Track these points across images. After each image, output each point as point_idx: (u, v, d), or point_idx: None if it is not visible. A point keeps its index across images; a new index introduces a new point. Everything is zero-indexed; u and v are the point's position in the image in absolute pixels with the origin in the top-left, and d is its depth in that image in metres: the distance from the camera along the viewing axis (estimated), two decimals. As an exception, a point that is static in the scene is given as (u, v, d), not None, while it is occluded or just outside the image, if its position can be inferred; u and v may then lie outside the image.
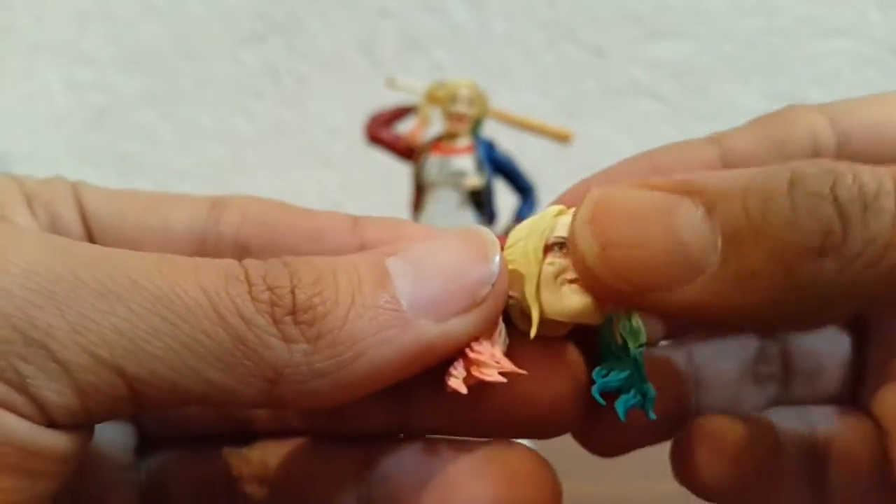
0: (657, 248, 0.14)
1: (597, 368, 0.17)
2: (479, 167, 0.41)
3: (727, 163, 0.19)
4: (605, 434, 0.19)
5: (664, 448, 0.19)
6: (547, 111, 0.56)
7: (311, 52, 0.63)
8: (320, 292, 0.14)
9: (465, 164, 0.41)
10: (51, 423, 0.13)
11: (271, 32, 0.63)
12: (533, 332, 0.16)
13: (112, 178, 0.60)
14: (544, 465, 0.16)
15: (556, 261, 0.16)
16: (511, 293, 0.16)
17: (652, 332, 0.19)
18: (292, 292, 0.14)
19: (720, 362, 0.21)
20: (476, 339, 0.15)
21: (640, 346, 0.17)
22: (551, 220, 0.16)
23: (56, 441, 0.13)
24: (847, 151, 0.19)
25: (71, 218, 0.18)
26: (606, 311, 0.16)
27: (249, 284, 0.14)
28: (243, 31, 0.63)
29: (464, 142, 0.42)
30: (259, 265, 0.14)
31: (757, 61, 0.63)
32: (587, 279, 0.15)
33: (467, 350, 0.15)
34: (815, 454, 0.19)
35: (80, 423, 0.13)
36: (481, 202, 0.41)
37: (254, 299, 0.13)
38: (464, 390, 0.15)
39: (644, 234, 0.14)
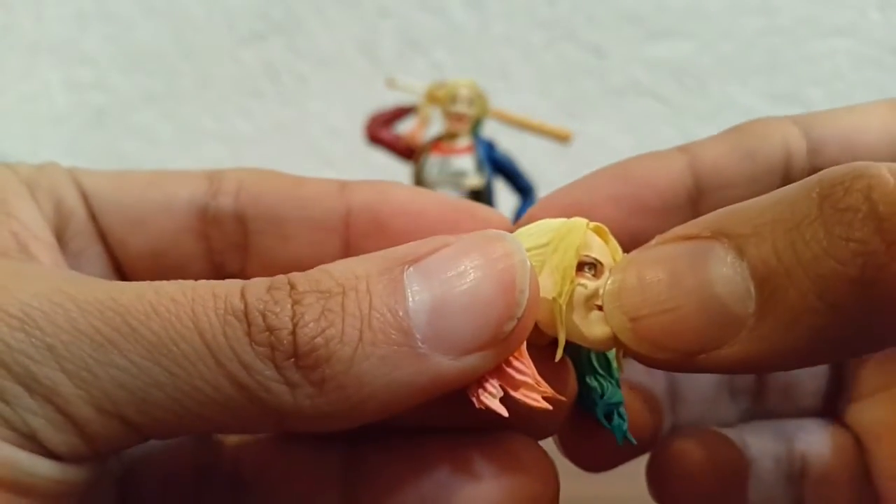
0: (691, 307, 0.13)
1: (597, 391, 0.16)
2: (479, 167, 0.41)
3: (697, 172, 0.19)
4: (593, 450, 0.19)
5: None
6: (547, 111, 0.56)
7: (311, 52, 0.63)
8: (324, 330, 0.13)
9: (465, 164, 0.41)
10: (62, 460, 0.13)
11: (271, 32, 0.63)
12: (559, 355, 0.15)
13: (112, 178, 0.60)
14: (542, 452, 0.15)
15: (587, 283, 0.15)
16: None
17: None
18: (293, 333, 0.13)
19: (697, 376, 0.20)
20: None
21: (621, 370, 0.17)
22: (582, 234, 0.15)
23: (66, 473, 0.13)
24: (819, 162, 0.19)
25: (73, 202, 0.18)
26: None
27: (248, 324, 0.13)
28: (243, 31, 0.63)
29: (464, 142, 0.42)
30: (261, 294, 0.13)
31: (757, 61, 0.63)
32: (627, 351, 0.14)
33: (505, 367, 0.14)
34: (791, 471, 0.19)
35: (90, 459, 0.13)
36: (481, 202, 0.41)
37: (252, 342, 0.13)
38: (505, 413, 0.14)
39: (674, 294, 0.13)
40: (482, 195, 0.41)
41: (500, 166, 0.42)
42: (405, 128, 0.43)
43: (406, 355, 0.13)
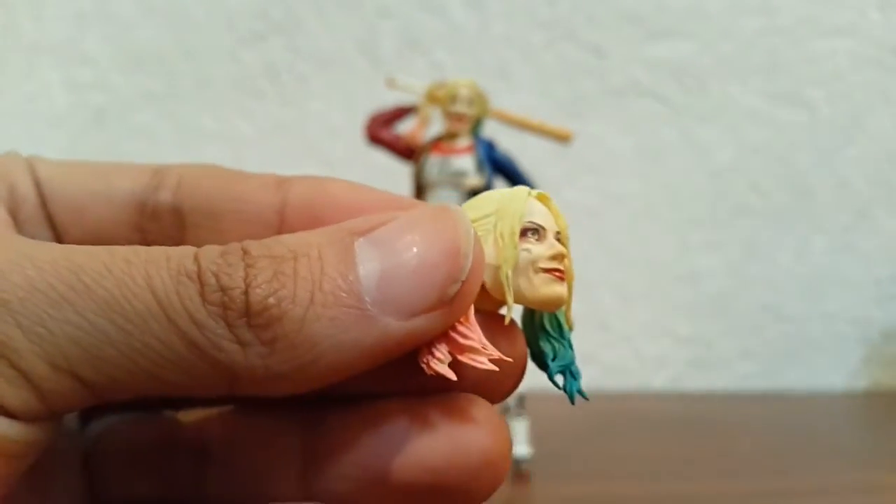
0: None
1: (548, 353, 0.17)
2: (479, 167, 0.41)
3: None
4: None
5: (663, 448, 0.19)
6: (547, 111, 0.56)
7: (311, 52, 0.63)
8: (276, 291, 0.13)
9: (465, 164, 0.41)
10: (16, 418, 0.13)
11: (271, 32, 0.63)
12: (508, 319, 0.16)
13: (112, 178, 0.60)
14: (493, 411, 0.16)
15: (531, 248, 0.16)
16: None
17: None
18: (246, 293, 0.13)
19: None
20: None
21: (572, 329, 0.17)
22: (524, 203, 0.16)
23: (21, 432, 0.13)
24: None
25: (26, 188, 0.18)
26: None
27: (201, 284, 0.13)
28: (243, 31, 0.63)
29: (464, 142, 0.42)
30: (214, 257, 0.13)
31: (757, 61, 0.63)
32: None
33: (451, 332, 0.15)
34: None
35: (44, 418, 0.13)
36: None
37: (205, 301, 0.13)
38: (454, 377, 0.14)
39: None
40: (482, 195, 0.41)
41: (500, 166, 0.42)
42: (405, 128, 0.43)
43: (355, 317, 0.13)
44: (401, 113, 0.43)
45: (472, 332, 0.15)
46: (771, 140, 0.63)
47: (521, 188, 0.16)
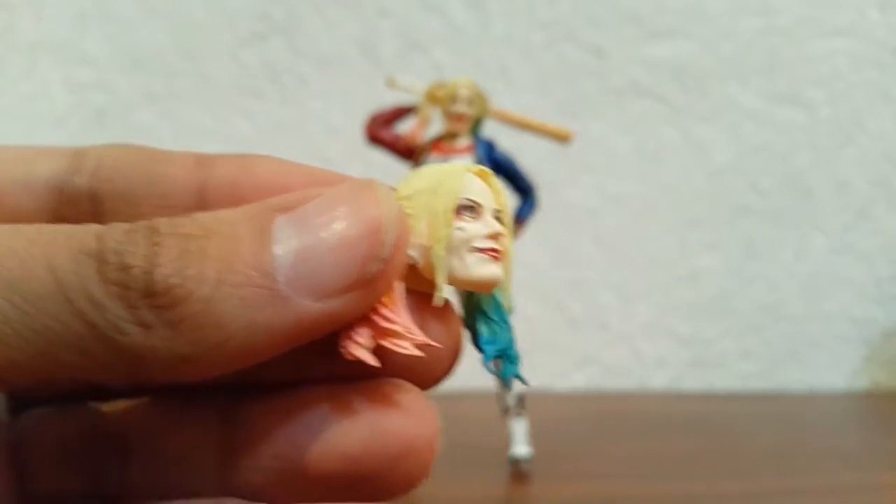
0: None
1: (484, 336, 0.16)
2: (479, 167, 0.41)
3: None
4: None
5: (663, 448, 0.19)
6: (547, 111, 0.56)
7: (311, 52, 0.63)
8: (180, 270, 0.12)
9: (465, 163, 0.41)
10: None
11: (271, 32, 0.63)
12: (438, 300, 0.15)
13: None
14: (421, 396, 0.15)
15: (465, 226, 0.15)
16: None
17: None
18: (148, 272, 0.12)
19: None
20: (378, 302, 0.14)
21: (511, 311, 0.16)
22: (460, 179, 0.15)
23: None
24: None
25: None
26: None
27: (101, 263, 0.12)
28: (243, 31, 0.63)
29: (464, 142, 0.42)
30: (118, 235, 0.13)
31: (757, 61, 0.63)
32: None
33: (374, 315, 0.14)
34: None
35: None
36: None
37: (104, 281, 0.12)
38: (375, 362, 0.14)
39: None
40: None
41: (500, 166, 0.42)
42: (405, 128, 0.43)
43: (267, 297, 0.13)
44: (401, 113, 0.43)
45: (397, 316, 0.14)
46: (771, 140, 0.63)
47: (459, 164, 0.16)
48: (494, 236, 0.15)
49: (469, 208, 0.15)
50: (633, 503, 0.37)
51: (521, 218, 0.43)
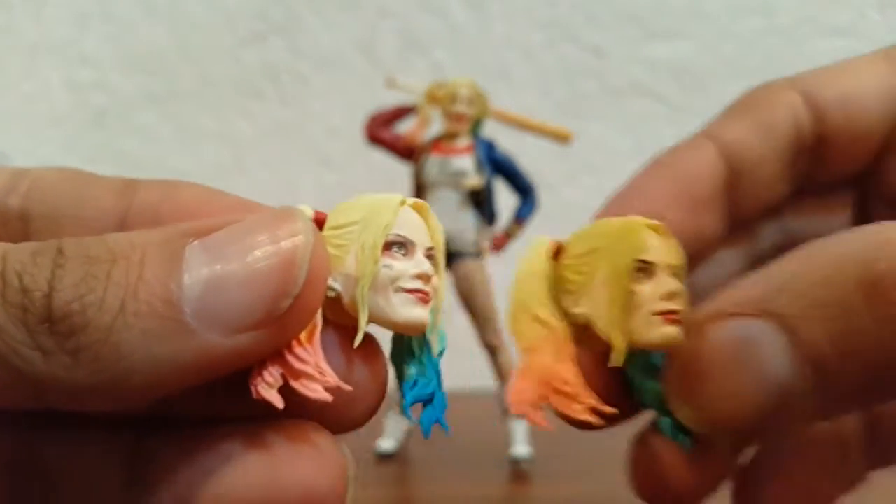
0: (752, 393, 0.14)
1: (408, 379, 0.15)
2: (479, 167, 0.41)
3: (728, 157, 0.19)
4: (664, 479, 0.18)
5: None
6: (547, 111, 0.56)
7: (311, 52, 0.63)
8: (82, 296, 0.12)
9: (465, 164, 0.41)
10: None
11: (271, 32, 0.63)
12: (358, 341, 0.14)
13: (112, 178, 0.60)
14: (330, 442, 0.14)
15: (393, 264, 0.14)
16: (329, 282, 0.14)
17: None
18: (48, 296, 0.12)
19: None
20: (291, 338, 0.13)
21: (441, 353, 0.15)
22: (393, 213, 0.14)
23: None
24: (823, 129, 0.19)
25: None
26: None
27: (3, 285, 0.12)
28: (243, 31, 0.63)
29: (464, 142, 0.42)
30: (23, 256, 0.12)
31: (757, 61, 0.63)
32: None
33: (287, 353, 0.13)
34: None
35: None
36: (481, 202, 0.41)
37: (5, 303, 0.12)
38: (280, 404, 0.13)
39: (734, 384, 0.14)
40: (482, 195, 0.41)
41: (500, 166, 0.42)
42: (405, 128, 0.43)
43: (172, 329, 0.12)
44: (401, 113, 0.43)
45: (309, 355, 0.13)
46: (771, 140, 0.63)
47: (394, 196, 0.15)
48: (423, 277, 0.14)
49: (399, 245, 0.14)
50: (633, 503, 0.37)
51: (521, 218, 0.43)
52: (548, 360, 0.15)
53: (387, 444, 0.41)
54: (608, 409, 0.14)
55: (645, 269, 0.15)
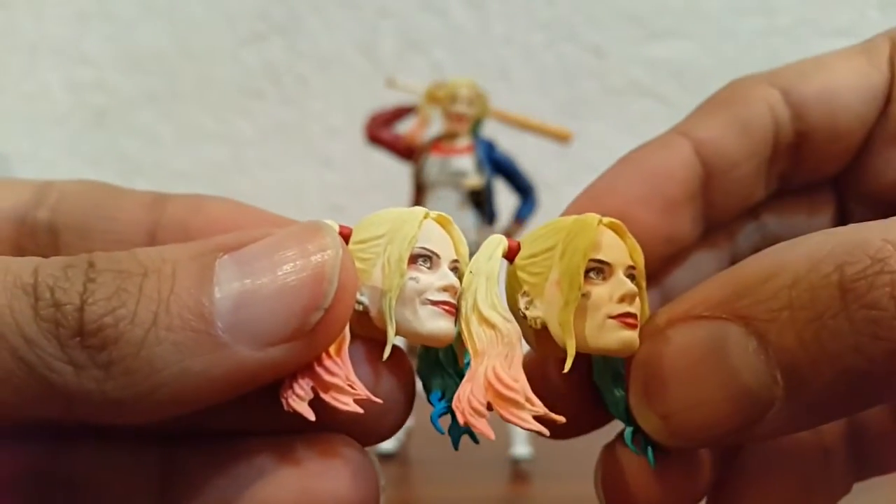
0: (720, 400, 0.13)
1: (434, 389, 0.15)
2: (479, 167, 0.41)
3: (703, 156, 0.19)
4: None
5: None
6: (547, 111, 0.56)
7: (311, 52, 0.63)
8: (114, 310, 0.12)
9: (465, 164, 0.41)
10: None
11: (271, 32, 0.63)
12: (387, 354, 0.14)
13: (112, 179, 0.60)
14: (361, 455, 0.14)
15: (419, 277, 0.14)
16: (357, 295, 0.14)
17: None
18: (80, 310, 0.12)
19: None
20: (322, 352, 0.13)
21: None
22: (417, 226, 0.14)
23: None
24: (802, 126, 0.19)
25: None
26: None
27: (36, 298, 0.12)
28: (243, 31, 0.63)
29: (464, 142, 0.42)
30: (56, 269, 0.12)
31: (757, 61, 0.63)
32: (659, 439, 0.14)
33: (317, 366, 0.13)
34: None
35: None
36: (481, 202, 0.42)
37: (38, 317, 0.12)
38: (312, 417, 0.13)
39: (700, 391, 0.13)
40: (482, 195, 0.41)
41: (500, 166, 0.42)
42: (405, 128, 0.43)
43: (203, 343, 0.12)
44: (401, 113, 0.43)
45: (339, 368, 0.13)
46: (771, 140, 0.63)
47: (418, 209, 0.15)
48: (449, 289, 0.14)
49: (425, 258, 0.14)
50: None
51: (521, 218, 0.43)
52: (495, 364, 0.14)
53: (387, 443, 0.41)
54: (557, 418, 0.13)
55: (599, 269, 0.14)
